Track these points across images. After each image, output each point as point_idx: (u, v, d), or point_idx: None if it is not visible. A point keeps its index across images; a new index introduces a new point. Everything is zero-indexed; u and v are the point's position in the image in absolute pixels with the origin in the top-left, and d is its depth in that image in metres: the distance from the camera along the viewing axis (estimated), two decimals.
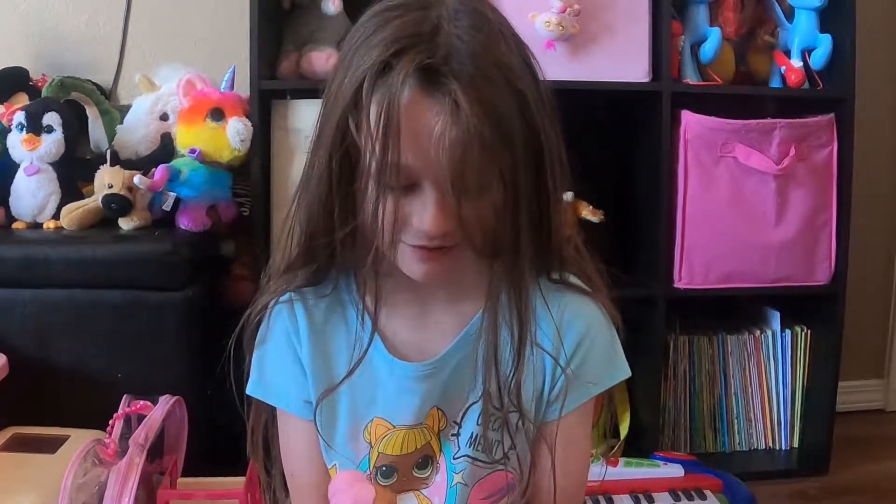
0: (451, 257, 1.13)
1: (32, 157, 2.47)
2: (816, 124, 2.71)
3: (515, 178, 1.08)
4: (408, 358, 1.25)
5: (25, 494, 1.92)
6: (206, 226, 2.55)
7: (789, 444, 2.96)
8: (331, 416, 1.26)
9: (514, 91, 1.06)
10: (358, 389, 1.25)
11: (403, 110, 1.03)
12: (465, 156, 1.03)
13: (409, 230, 1.10)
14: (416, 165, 1.06)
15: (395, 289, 1.22)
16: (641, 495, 2.40)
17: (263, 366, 1.30)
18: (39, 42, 2.95)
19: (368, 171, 1.07)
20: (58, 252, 2.31)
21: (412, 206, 1.09)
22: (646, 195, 2.79)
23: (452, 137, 1.02)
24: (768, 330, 2.92)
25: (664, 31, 2.62)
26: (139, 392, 2.13)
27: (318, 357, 1.26)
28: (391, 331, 1.26)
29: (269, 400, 1.30)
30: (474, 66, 1.03)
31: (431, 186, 1.07)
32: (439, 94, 1.03)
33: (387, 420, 1.25)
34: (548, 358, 1.22)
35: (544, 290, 1.22)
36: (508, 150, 1.06)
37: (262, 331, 1.29)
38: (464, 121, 1.02)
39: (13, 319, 2.28)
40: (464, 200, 1.07)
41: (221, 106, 2.51)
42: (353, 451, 1.27)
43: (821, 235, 2.76)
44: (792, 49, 2.77)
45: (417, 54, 1.04)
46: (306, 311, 1.27)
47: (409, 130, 1.04)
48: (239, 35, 2.59)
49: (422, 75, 1.04)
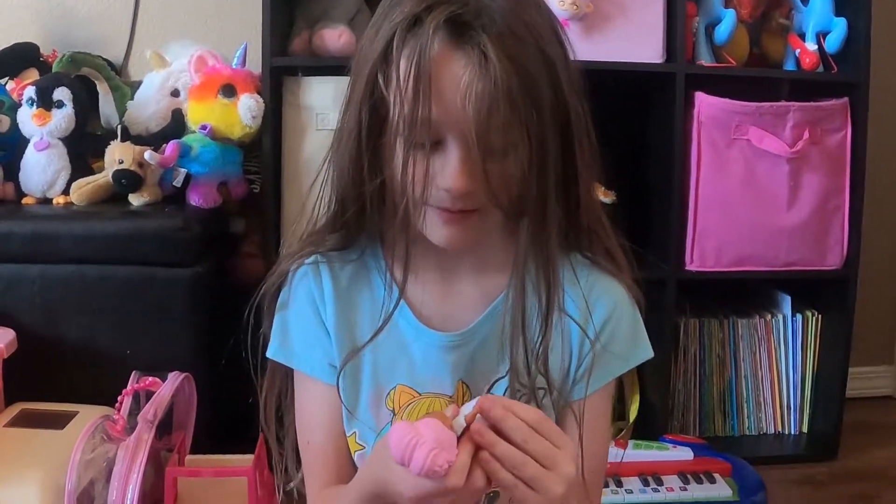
0: (474, 222, 1.13)
1: (43, 133, 2.47)
2: (830, 108, 2.69)
3: (543, 140, 1.07)
4: (434, 326, 1.24)
5: (34, 470, 1.92)
6: (216, 202, 2.54)
7: (798, 428, 2.95)
8: (354, 381, 1.25)
9: (543, 55, 1.06)
10: (382, 355, 1.24)
11: (432, 63, 1.04)
12: (491, 109, 1.03)
13: (434, 190, 1.10)
14: (443, 119, 1.05)
15: (421, 257, 1.21)
16: (650, 478, 2.40)
17: (286, 329, 1.29)
18: (50, 18, 2.94)
19: (396, 125, 1.08)
20: (67, 227, 2.31)
21: (437, 164, 1.09)
22: (658, 176, 2.78)
23: (479, 90, 1.02)
24: (779, 314, 2.91)
25: (679, 11, 2.61)
26: (148, 369, 2.13)
27: (342, 321, 1.25)
28: (418, 299, 1.25)
29: (291, 363, 1.29)
30: (504, 22, 1.04)
31: (456, 143, 1.07)
32: (468, 47, 1.04)
33: (411, 388, 1.24)
34: (574, 334, 1.22)
35: (574, 265, 1.22)
36: (536, 111, 1.05)
37: (283, 295, 1.28)
38: (492, 73, 1.02)
39: (22, 295, 2.28)
40: (489, 160, 1.06)
41: (233, 82, 2.50)
42: (375, 419, 1.25)
43: (833, 220, 2.75)
44: (807, 32, 2.75)
45: (448, 6, 1.04)
46: (332, 274, 1.26)
47: (437, 83, 1.04)
48: (251, 11, 2.58)
49: (451, 28, 1.04)
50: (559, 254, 1.20)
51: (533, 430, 0.98)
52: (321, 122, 2.53)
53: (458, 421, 0.98)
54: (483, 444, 0.97)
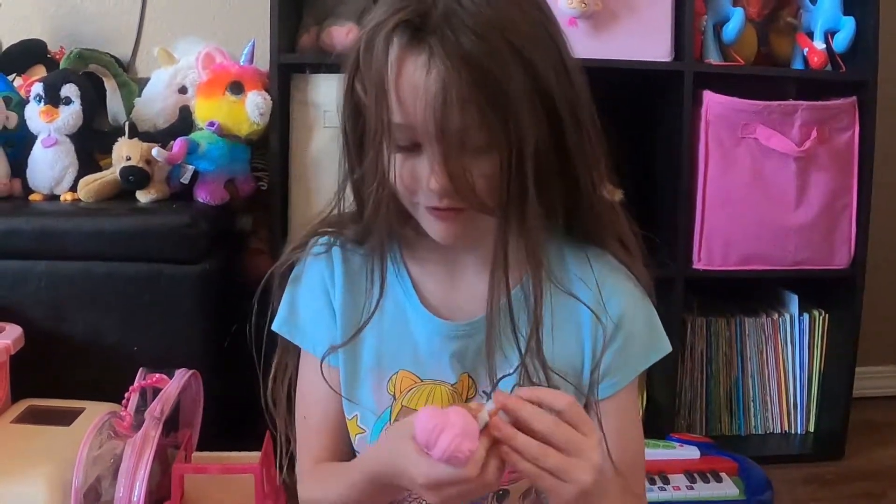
0: (467, 218, 1.13)
1: (50, 129, 2.47)
2: (838, 107, 2.69)
3: (517, 138, 1.07)
4: (441, 315, 1.25)
5: (41, 466, 1.92)
6: (223, 199, 2.55)
7: (805, 428, 2.95)
8: (355, 364, 1.27)
9: (513, 51, 1.05)
10: (386, 340, 1.26)
11: (392, 68, 1.06)
12: (445, 111, 1.04)
13: (423, 191, 1.12)
14: (410, 123, 1.07)
15: (428, 249, 1.24)
16: (657, 476, 2.39)
17: (295, 305, 1.30)
18: (57, 14, 2.95)
19: (374, 130, 1.10)
20: (75, 224, 2.31)
21: (420, 166, 1.10)
22: (666, 175, 2.78)
23: (432, 92, 1.04)
24: (786, 313, 2.91)
25: (687, 10, 2.61)
26: (154, 365, 2.13)
27: (349, 304, 1.26)
28: (426, 288, 1.27)
29: (295, 339, 1.30)
30: (464, 24, 1.04)
31: (428, 144, 1.08)
32: (420, 51, 1.05)
33: (414, 374, 1.25)
34: (587, 330, 1.23)
35: (591, 259, 1.24)
36: (502, 109, 1.05)
37: (297, 269, 1.30)
38: (441, 76, 1.03)
39: (29, 292, 2.28)
40: (466, 158, 1.07)
41: (241, 79, 2.50)
42: (376, 403, 1.26)
43: (841, 219, 2.74)
44: (815, 31, 2.75)
45: (408, 11, 1.06)
46: (343, 258, 1.28)
47: (399, 89, 1.07)
48: (259, 8, 2.58)
49: (407, 33, 1.06)
50: (571, 245, 1.23)
51: (557, 419, 1.00)
52: (329, 120, 2.52)
53: (481, 415, 0.99)
54: (502, 438, 0.99)
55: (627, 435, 1.27)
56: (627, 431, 1.28)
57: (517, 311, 1.18)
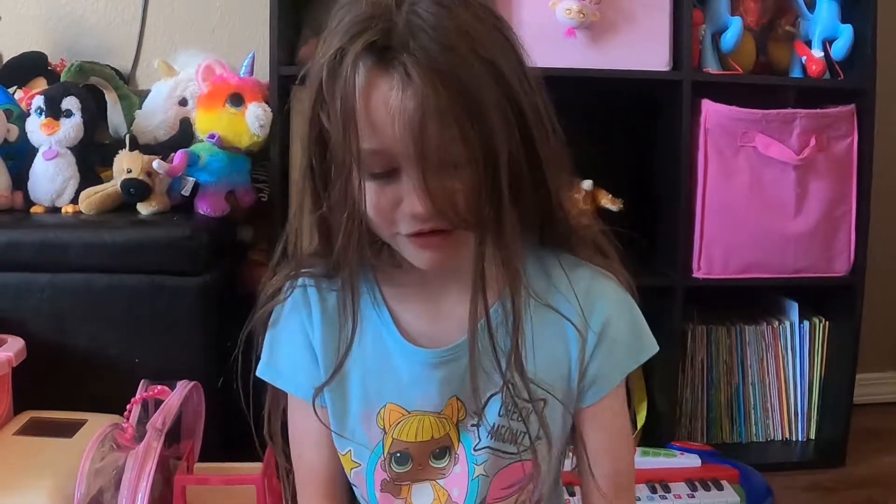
0: (453, 240, 1.10)
1: (51, 142, 2.48)
2: (837, 115, 2.69)
3: (493, 149, 1.04)
4: (421, 345, 1.23)
5: (43, 479, 1.92)
6: (224, 211, 2.55)
7: (806, 435, 2.95)
8: (343, 401, 1.26)
9: (482, 60, 1.03)
10: (370, 375, 1.24)
11: (361, 94, 1.02)
12: (424, 128, 1.00)
13: (404, 218, 1.09)
14: (386, 148, 1.04)
15: (405, 276, 1.22)
16: (658, 485, 2.39)
17: (274, 348, 1.29)
18: (58, 27, 2.95)
19: (342, 161, 1.07)
20: (76, 236, 2.31)
21: (399, 192, 1.07)
22: (665, 184, 2.78)
23: (410, 110, 1.00)
24: (786, 321, 2.91)
25: (685, 19, 2.61)
26: (156, 377, 2.14)
27: (329, 343, 1.24)
28: (405, 319, 1.25)
29: (277, 383, 1.29)
30: (430, 37, 1.01)
31: (408, 167, 1.05)
32: (392, 70, 1.01)
33: (400, 406, 1.24)
34: (573, 338, 1.22)
35: (565, 267, 1.22)
36: (478, 120, 1.02)
37: (276, 312, 1.29)
38: (418, 92, 0.99)
39: (31, 304, 2.28)
40: (445, 177, 1.05)
41: (241, 91, 2.51)
42: (367, 437, 1.26)
43: (840, 227, 2.74)
44: (813, 39, 2.75)
45: (370, 34, 1.02)
46: (319, 298, 1.26)
47: (371, 113, 1.03)
48: (258, 20, 2.60)
49: (374, 55, 1.02)
50: (548, 256, 1.21)
51: None
52: None
53: None
54: None
55: (618, 441, 1.28)
56: (618, 437, 1.28)
57: (498, 328, 1.16)
